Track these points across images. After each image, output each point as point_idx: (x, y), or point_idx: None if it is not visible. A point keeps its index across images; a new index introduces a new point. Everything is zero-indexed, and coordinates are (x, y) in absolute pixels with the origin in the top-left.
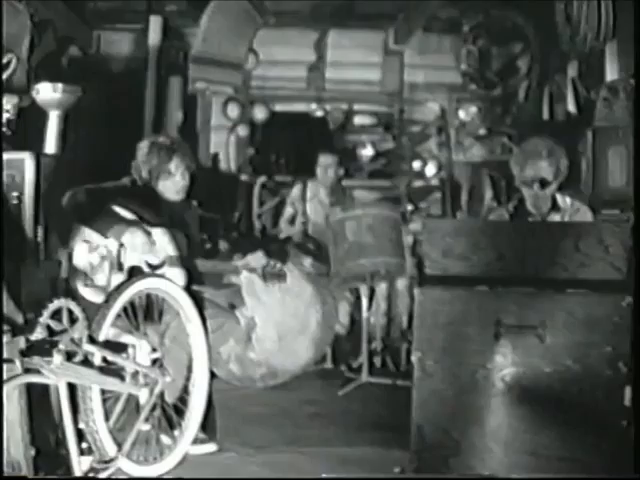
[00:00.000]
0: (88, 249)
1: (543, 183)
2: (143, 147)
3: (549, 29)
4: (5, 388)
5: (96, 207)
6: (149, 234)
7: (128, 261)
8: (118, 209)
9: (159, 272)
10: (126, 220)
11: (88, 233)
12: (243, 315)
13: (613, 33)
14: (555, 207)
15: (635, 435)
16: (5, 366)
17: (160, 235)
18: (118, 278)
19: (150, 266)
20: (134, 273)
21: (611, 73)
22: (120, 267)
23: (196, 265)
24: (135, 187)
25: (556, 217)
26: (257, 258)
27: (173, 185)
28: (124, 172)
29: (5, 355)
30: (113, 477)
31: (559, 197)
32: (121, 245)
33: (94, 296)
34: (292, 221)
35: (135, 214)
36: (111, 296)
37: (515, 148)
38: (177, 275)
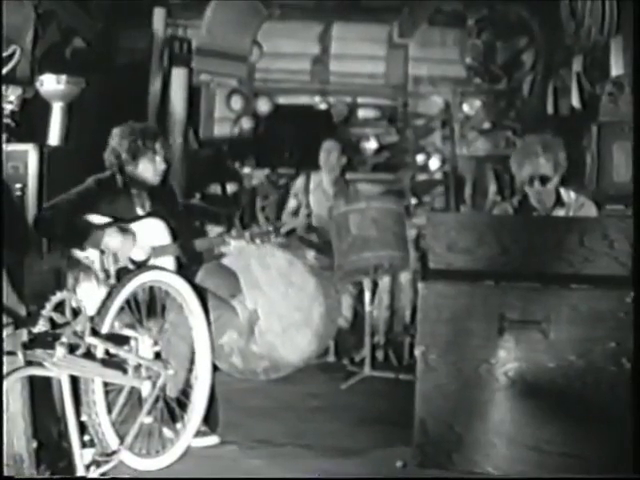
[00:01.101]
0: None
1: (543, 179)
2: (120, 131)
3: (554, 23)
4: (7, 381)
5: (63, 222)
6: (125, 230)
7: (113, 265)
8: (89, 217)
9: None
10: (99, 225)
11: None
12: (245, 308)
13: (617, 28)
14: (559, 202)
15: (634, 435)
16: (7, 359)
17: (150, 226)
18: (107, 286)
19: (134, 263)
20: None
21: (616, 68)
22: (107, 275)
23: (193, 248)
24: (100, 185)
25: (560, 212)
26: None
27: (154, 167)
28: None
29: (7, 348)
30: (113, 477)
31: (563, 192)
32: (102, 252)
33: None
34: (296, 213)
35: (108, 215)
36: (114, 289)
37: (518, 141)
38: (166, 264)
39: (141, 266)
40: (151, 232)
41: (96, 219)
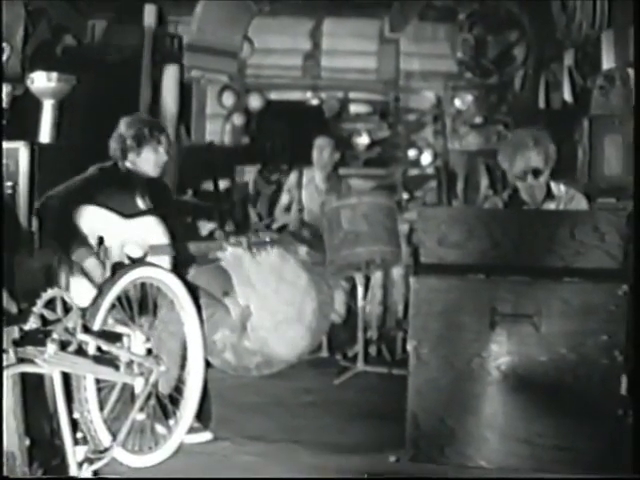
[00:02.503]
0: None
1: (536, 172)
2: (129, 118)
3: (545, 17)
4: None
5: (68, 214)
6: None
7: (110, 258)
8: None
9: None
10: (107, 203)
11: None
12: (237, 304)
13: (608, 21)
14: (550, 195)
15: (633, 434)
16: None
17: (149, 224)
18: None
19: (131, 259)
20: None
21: (607, 61)
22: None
23: (187, 248)
24: (103, 173)
25: (551, 205)
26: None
27: (156, 157)
28: None
29: None
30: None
31: (553, 185)
32: (100, 243)
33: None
34: (288, 209)
35: (108, 207)
36: (105, 285)
37: (510, 135)
38: (162, 262)
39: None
40: (149, 230)
41: (96, 212)
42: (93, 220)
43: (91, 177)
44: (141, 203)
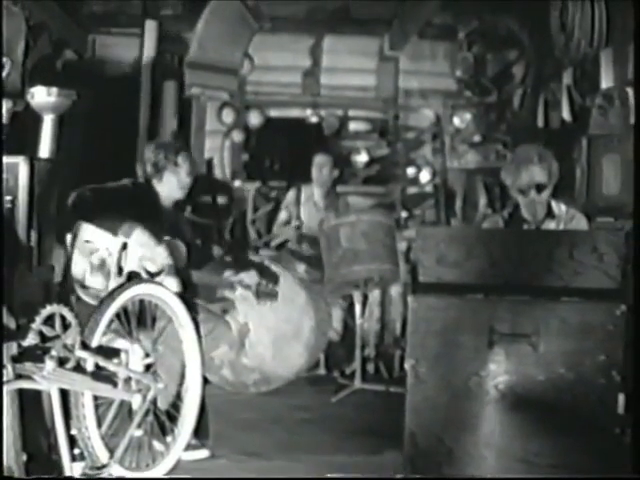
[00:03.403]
0: (89, 250)
1: (539, 188)
2: (151, 144)
3: (544, 36)
4: None
5: (101, 206)
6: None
7: (128, 265)
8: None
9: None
10: (135, 218)
11: (91, 232)
12: (236, 321)
13: (607, 40)
14: (550, 214)
15: (633, 438)
16: None
17: (175, 245)
18: (117, 282)
19: (149, 274)
20: (132, 279)
21: (606, 80)
22: (120, 271)
23: (191, 276)
24: (136, 187)
25: (551, 224)
26: (250, 276)
27: (178, 180)
28: (119, 176)
29: None
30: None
31: (554, 204)
32: (124, 248)
33: (91, 299)
34: (286, 226)
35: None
36: (104, 302)
37: (509, 154)
38: (173, 284)
39: (153, 277)
40: (172, 250)
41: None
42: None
43: (123, 186)
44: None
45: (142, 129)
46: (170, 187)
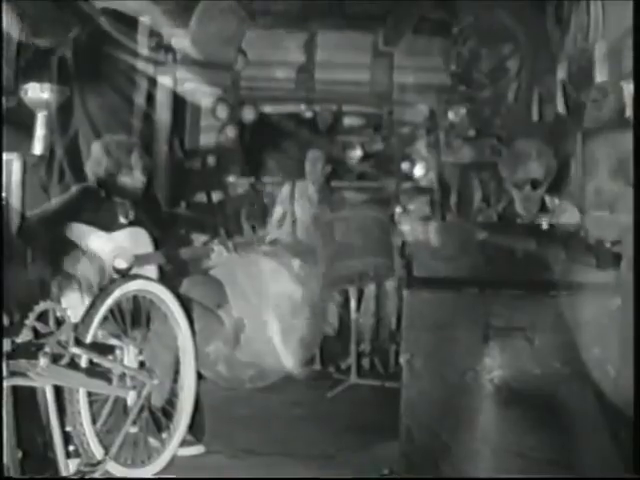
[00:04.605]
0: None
1: (534, 184)
2: (98, 146)
3: (539, 30)
4: None
5: (50, 233)
6: (92, 257)
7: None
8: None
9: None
10: (77, 247)
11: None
12: (231, 316)
13: (602, 35)
14: (544, 208)
15: (634, 434)
16: None
17: (134, 234)
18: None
19: (118, 271)
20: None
21: (600, 74)
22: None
23: (179, 255)
24: (86, 193)
25: (544, 218)
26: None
27: (132, 181)
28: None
29: None
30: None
31: (548, 198)
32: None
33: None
34: (281, 221)
35: (91, 224)
36: (98, 298)
37: (504, 150)
38: (149, 272)
39: (124, 274)
40: (134, 240)
41: (80, 228)
42: (79, 237)
43: (72, 197)
44: (124, 220)
45: (136, 125)
46: (126, 187)
